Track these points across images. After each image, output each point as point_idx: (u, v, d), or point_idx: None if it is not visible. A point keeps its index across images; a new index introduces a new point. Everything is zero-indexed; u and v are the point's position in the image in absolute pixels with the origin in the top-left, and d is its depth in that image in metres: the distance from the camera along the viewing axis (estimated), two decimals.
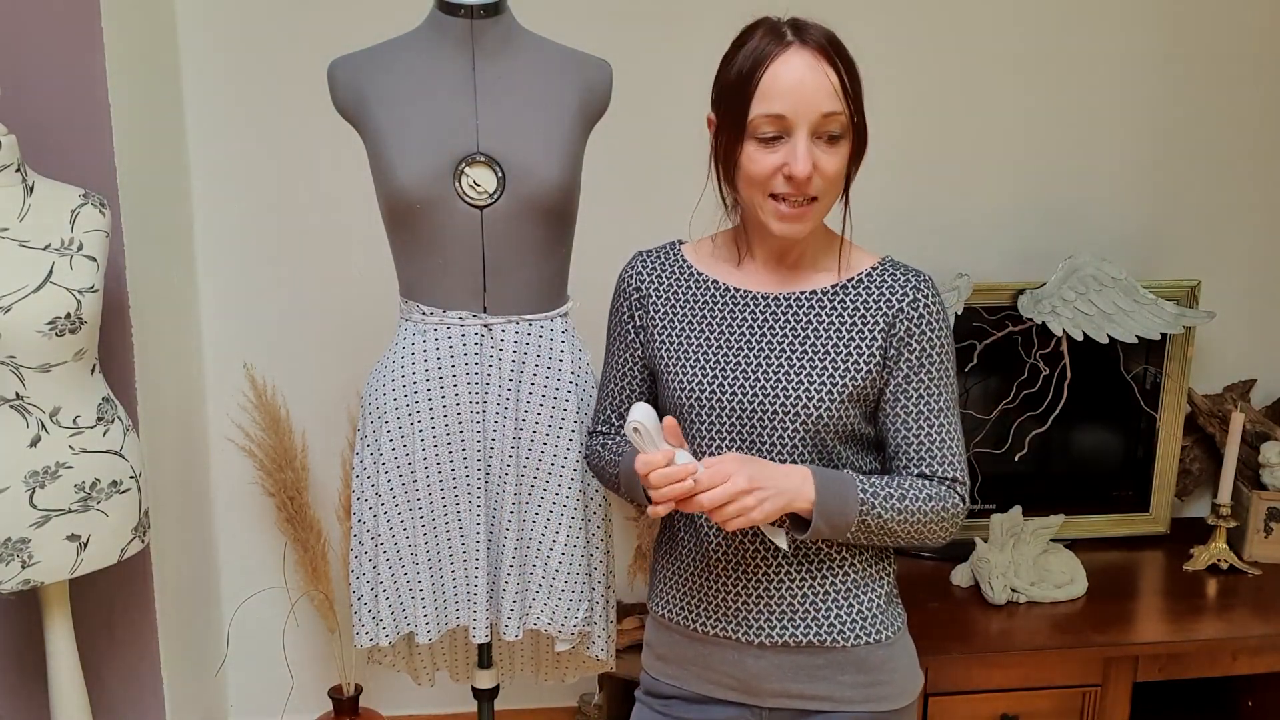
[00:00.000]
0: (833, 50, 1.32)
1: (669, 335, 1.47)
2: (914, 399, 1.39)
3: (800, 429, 1.37)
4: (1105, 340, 2.39)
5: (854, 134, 1.35)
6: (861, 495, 1.34)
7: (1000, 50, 2.49)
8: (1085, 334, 2.39)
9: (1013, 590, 2.29)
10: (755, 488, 1.28)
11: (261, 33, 2.34)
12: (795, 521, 1.36)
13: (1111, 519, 2.59)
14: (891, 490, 1.36)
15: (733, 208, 1.47)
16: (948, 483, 1.41)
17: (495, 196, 1.72)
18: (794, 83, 1.30)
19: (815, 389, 1.37)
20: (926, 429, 1.40)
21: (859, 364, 1.38)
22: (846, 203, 1.43)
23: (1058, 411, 2.49)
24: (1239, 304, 2.64)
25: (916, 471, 1.41)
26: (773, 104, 1.31)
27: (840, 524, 1.33)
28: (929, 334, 1.38)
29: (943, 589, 2.36)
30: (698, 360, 1.43)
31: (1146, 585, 2.40)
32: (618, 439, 1.57)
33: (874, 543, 1.39)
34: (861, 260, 1.44)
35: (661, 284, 1.49)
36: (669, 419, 1.34)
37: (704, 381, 1.42)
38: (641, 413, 1.29)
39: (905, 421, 1.40)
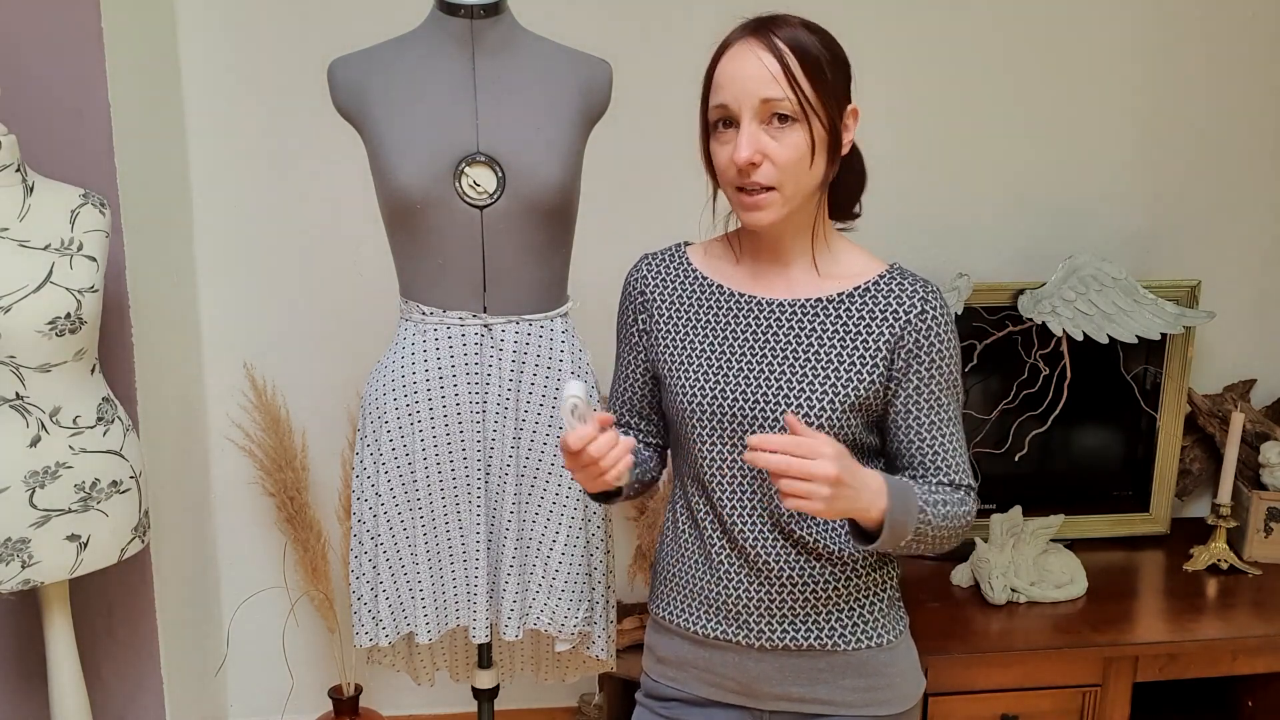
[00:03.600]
0: (784, 39, 1.31)
1: (672, 340, 1.46)
2: (925, 410, 1.39)
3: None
4: (1105, 340, 2.39)
5: (811, 122, 1.32)
6: (920, 504, 1.33)
7: (1000, 50, 2.49)
8: (1085, 334, 2.39)
9: (1013, 590, 2.29)
10: (840, 483, 1.21)
11: (261, 33, 2.34)
12: (854, 530, 1.35)
13: (1111, 519, 2.58)
14: (936, 499, 1.36)
15: (729, 216, 1.47)
16: (963, 489, 1.41)
17: (495, 196, 1.72)
18: (734, 72, 1.32)
19: (817, 398, 1.37)
20: (940, 439, 1.40)
21: (862, 374, 1.37)
22: (823, 196, 1.40)
23: (1058, 411, 2.49)
24: (1239, 304, 2.64)
25: (935, 481, 1.40)
26: (719, 95, 1.34)
27: (900, 535, 1.31)
28: (937, 345, 1.38)
29: (943, 589, 2.36)
30: (700, 366, 1.43)
31: (1146, 585, 2.40)
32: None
33: (909, 552, 1.37)
34: (868, 266, 1.42)
35: (666, 288, 1.49)
36: (604, 415, 1.30)
37: (706, 387, 1.41)
38: (578, 389, 1.28)
39: (919, 433, 1.40)
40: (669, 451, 1.57)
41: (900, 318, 1.38)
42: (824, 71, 1.32)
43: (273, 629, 2.61)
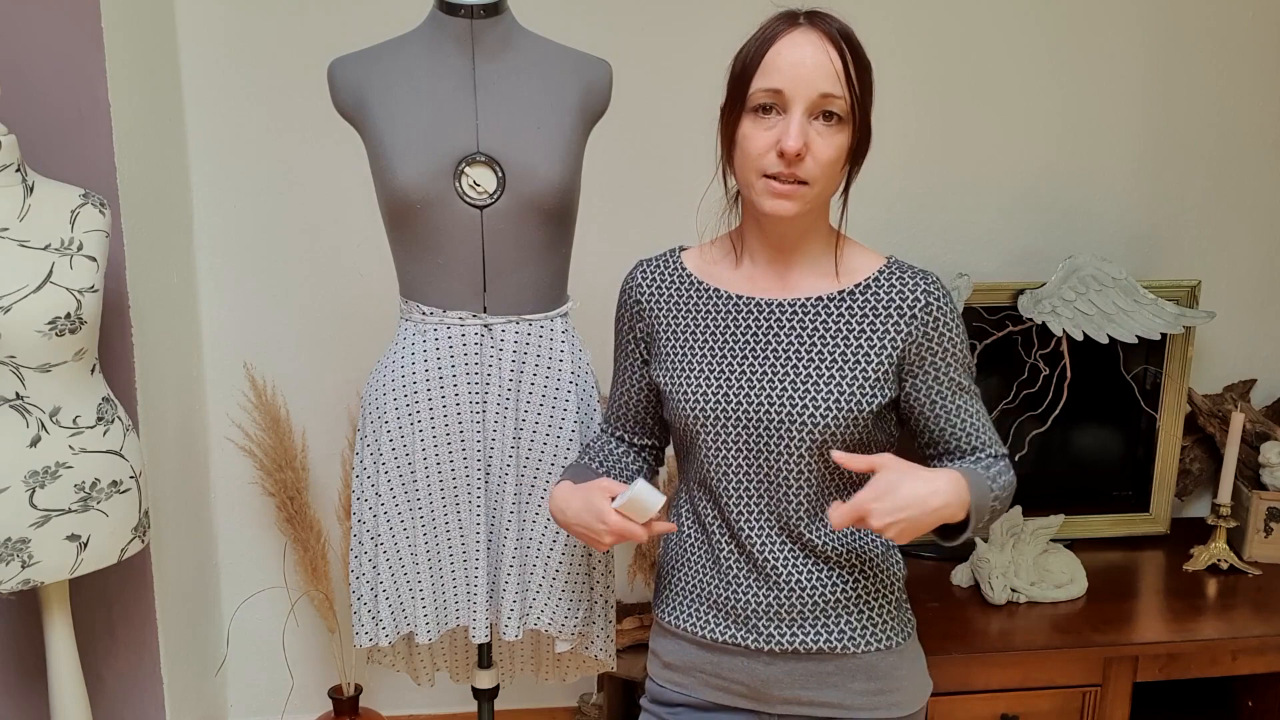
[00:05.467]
0: (842, 38, 1.32)
1: (673, 347, 1.46)
2: (950, 396, 1.41)
3: (808, 438, 1.37)
4: (1105, 340, 2.39)
5: (855, 128, 1.33)
6: (990, 488, 1.36)
7: (1001, 50, 2.49)
8: (1085, 334, 2.39)
9: (1013, 590, 2.29)
10: (891, 523, 1.25)
11: (261, 33, 2.34)
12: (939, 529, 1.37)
13: (1111, 519, 2.58)
14: (995, 476, 1.39)
15: (734, 202, 1.47)
16: (1003, 459, 1.44)
17: (495, 196, 1.72)
18: (795, 60, 1.30)
19: (823, 398, 1.36)
20: (969, 419, 1.42)
21: (867, 372, 1.37)
22: (845, 204, 1.42)
23: (1058, 411, 2.49)
24: (1239, 304, 2.64)
25: (975, 458, 1.43)
26: (772, 79, 1.31)
27: (979, 520, 1.34)
28: (947, 334, 1.39)
29: (943, 589, 2.36)
30: (702, 372, 1.42)
31: (1146, 585, 2.40)
32: (592, 450, 1.60)
33: (976, 533, 1.40)
34: (866, 262, 1.42)
35: (662, 294, 1.48)
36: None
37: (709, 393, 1.41)
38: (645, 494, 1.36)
39: (949, 419, 1.42)
40: (671, 453, 1.57)
41: (905, 313, 1.37)
42: (869, 77, 1.34)
43: (273, 629, 2.61)
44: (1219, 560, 2.44)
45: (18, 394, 1.76)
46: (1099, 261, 2.41)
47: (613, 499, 1.39)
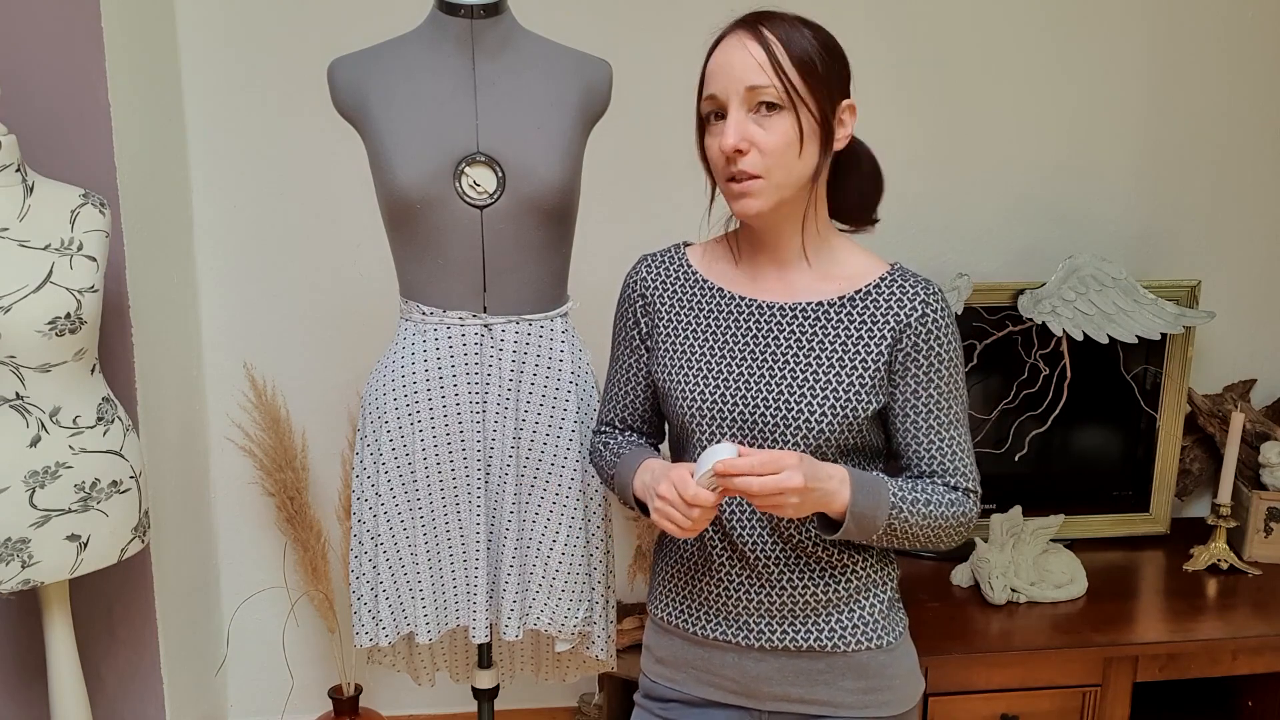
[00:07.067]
0: (772, 30, 1.32)
1: (673, 342, 1.46)
2: (923, 413, 1.39)
3: (801, 443, 1.36)
4: (1105, 340, 2.39)
5: (799, 111, 1.31)
6: (892, 499, 1.34)
7: (1001, 50, 2.49)
8: (1085, 334, 2.39)
9: (1013, 590, 2.29)
10: (807, 490, 1.25)
11: (261, 33, 2.34)
12: (823, 521, 1.36)
13: (1111, 519, 2.59)
14: (918, 495, 1.36)
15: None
16: (960, 491, 1.41)
17: (495, 196, 1.72)
18: (723, 62, 1.34)
19: (818, 403, 1.36)
20: (938, 442, 1.40)
21: (863, 379, 1.37)
22: (815, 191, 1.38)
23: (1058, 411, 2.49)
24: (1239, 304, 2.64)
25: (929, 481, 1.41)
26: (709, 86, 1.35)
27: (869, 528, 1.33)
28: (936, 348, 1.37)
29: (943, 589, 2.36)
30: (700, 370, 1.42)
31: (1146, 585, 2.40)
32: (619, 439, 1.57)
33: (891, 545, 1.39)
34: (869, 268, 1.42)
35: (667, 289, 1.48)
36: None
37: (705, 391, 1.41)
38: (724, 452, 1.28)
39: (916, 436, 1.40)
40: (667, 451, 1.57)
41: (900, 320, 1.37)
42: (813, 62, 1.32)
43: (273, 629, 2.61)
44: (1219, 560, 2.44)
45: (18, 394, 1.76)
46: (1099, 261, 2.41)
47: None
